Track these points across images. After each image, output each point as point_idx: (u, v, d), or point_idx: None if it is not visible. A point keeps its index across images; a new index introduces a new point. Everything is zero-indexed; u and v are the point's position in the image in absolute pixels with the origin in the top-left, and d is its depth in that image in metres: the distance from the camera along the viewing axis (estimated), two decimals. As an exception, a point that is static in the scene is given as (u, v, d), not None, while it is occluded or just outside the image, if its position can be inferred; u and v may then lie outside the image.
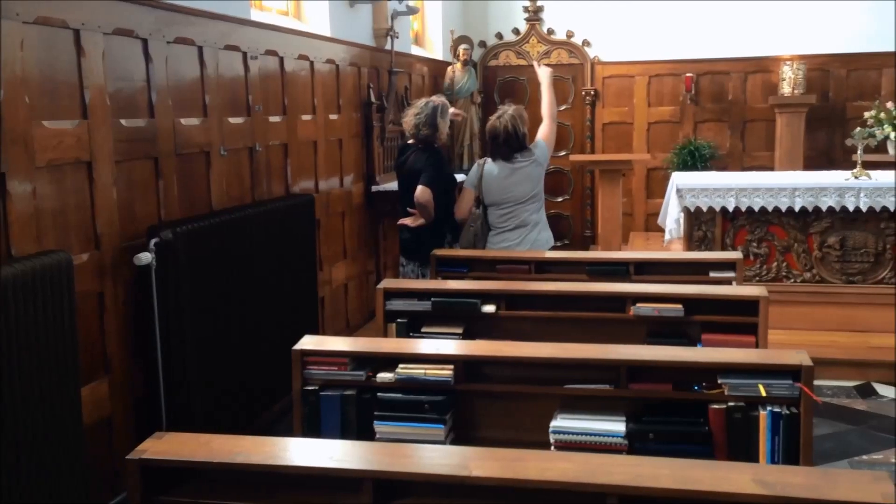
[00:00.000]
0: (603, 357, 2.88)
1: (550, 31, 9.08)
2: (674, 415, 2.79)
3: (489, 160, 4.83)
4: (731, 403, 2.70)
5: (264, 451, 2.14)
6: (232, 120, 4.35)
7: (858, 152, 6.08)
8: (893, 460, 4.21)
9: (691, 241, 6.13)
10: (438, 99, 5.00)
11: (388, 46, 6.52)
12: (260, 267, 4.23)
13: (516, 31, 9.15)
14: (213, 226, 3.84)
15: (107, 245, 3.35)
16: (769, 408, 2.66)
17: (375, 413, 2.86)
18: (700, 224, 6.11)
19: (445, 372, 2.88)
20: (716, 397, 2.74)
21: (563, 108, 9.05)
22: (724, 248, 5.99)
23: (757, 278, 6.02)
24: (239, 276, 4.02)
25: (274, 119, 4.83)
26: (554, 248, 4.99)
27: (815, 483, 1.84)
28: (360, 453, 2.16)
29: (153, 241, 3.44)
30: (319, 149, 5.43)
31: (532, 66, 8.98)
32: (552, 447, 2.71)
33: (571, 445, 2.70)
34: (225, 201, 4.27)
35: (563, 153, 8.91)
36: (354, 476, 1.99)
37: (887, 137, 8.02)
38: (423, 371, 2.89)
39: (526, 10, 9.08)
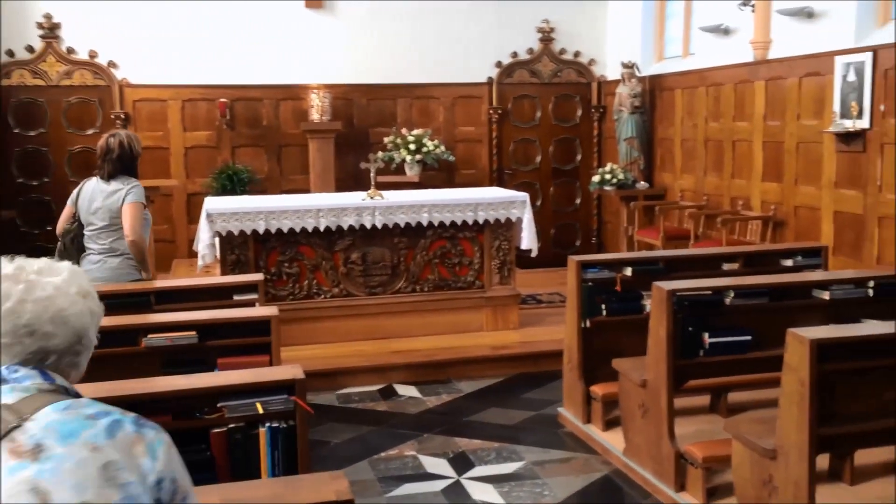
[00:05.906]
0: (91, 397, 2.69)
1: (71, 51, 8.46)
2: (177, 445, 2.73)
3: (94, 178, 4.74)
4: (231, 425, 2.71)
5: None
6: None
7: (372, 174, 6.64)
8: (407, 453, 4.64)
9: (225, 266, 6.15)
10: None
11: None
12: None
13: (30, 49, 8.36)
14: None
15: None
16: (267, 424, 2.73)
17: None
18: (233, 248, 6.16)
19: None
20: (216, 421, 2.73)
21: (90, 131, 8.52)
22: (257, 270, 6.10)
23: (290, 297, 6.24)
24: None
25: None
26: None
27: (279, 492, 1.92)
28: None
29: None
30: None
31: (55, 87, 8.39)
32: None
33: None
34: None
35: (94, 180, 8.35)
36: None
37: (404, 160, 8.93)
38: None
39: (41, 26, 8.34)
